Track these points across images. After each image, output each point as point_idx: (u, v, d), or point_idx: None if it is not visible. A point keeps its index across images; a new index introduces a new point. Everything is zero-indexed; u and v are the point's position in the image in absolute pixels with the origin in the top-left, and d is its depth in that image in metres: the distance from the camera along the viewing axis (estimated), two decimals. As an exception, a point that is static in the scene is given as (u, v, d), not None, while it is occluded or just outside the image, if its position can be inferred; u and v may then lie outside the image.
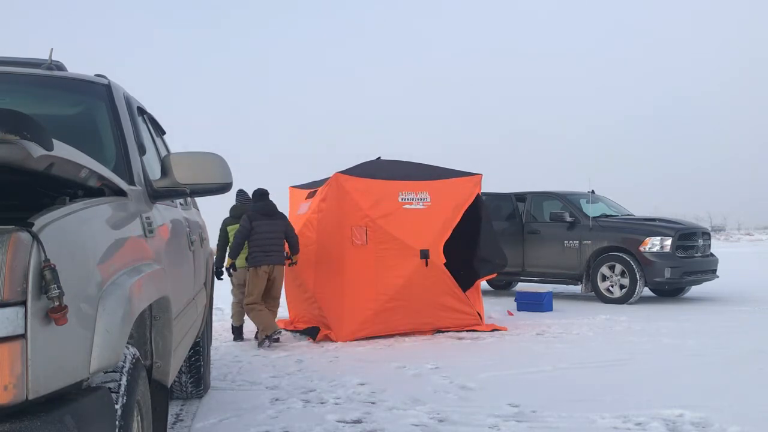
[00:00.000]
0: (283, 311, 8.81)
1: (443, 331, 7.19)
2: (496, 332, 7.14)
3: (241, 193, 7.50)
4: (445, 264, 7.05)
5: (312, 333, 7.02)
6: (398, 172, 7.27)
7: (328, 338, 6.89)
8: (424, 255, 6.90)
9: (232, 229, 7.08)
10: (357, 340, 6.78)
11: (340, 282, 6.82)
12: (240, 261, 6.95)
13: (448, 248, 7.20)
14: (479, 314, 7.36)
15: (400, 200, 7.03)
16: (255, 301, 6.69)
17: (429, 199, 7.15)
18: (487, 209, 7.72)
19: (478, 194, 7.47)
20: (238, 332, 7.19)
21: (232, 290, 7.27)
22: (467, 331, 7.20)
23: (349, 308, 6.78)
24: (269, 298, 6.86)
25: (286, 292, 7.94)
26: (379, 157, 7.85)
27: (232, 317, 7.29)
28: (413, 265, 6.87)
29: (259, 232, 6.68)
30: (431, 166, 7.71)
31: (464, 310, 7.23)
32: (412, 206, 7.06)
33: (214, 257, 6.81)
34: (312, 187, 7.79)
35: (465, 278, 7.46)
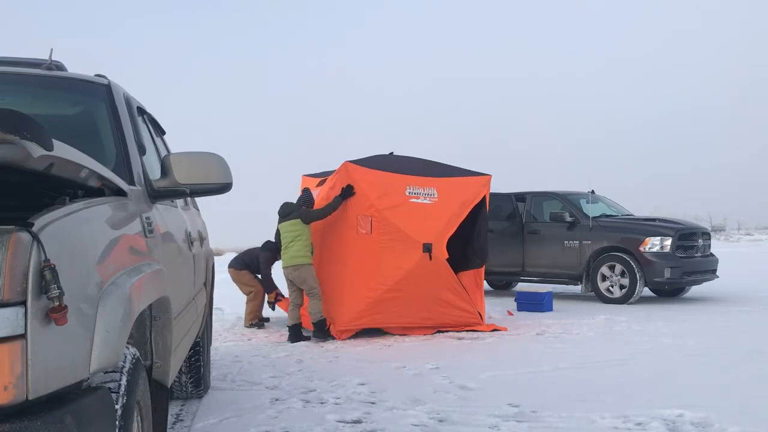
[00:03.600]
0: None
1: (443, 331, 7.20)
2: (496, 332, 7.14)
3: (305, 192, 7.51)
4: (447, 260, 7.06)
5: (321, 326, 6.98)
6: (408, 167, 7.31)
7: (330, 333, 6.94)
8: (427, 248, 6.91)
9: (281, 227, 7.19)
10: (355, 338, 6.79)
11: (342, 269, 6.91)
12: (305, 257, 7.04)
13: (450, 246, 7.21)
14: (480, 314, 7.37)
15: (407, 194, 7.07)
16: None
17: (436, 195, 7.19)
18: (486, 211, 7.72)
19: (484, 195, 7.50)
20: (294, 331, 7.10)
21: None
22: (467, 331, 7.21)
23: (348, 296, 6.85)
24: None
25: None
26: (392, 152, 7.87)
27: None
28: (416, 258, 6.88)
29: None
30: (442, 164, 7.71)
31: (464, 307, 7.23)
32: (419, 200, 7.10)
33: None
34: (324, 176, 7.82)
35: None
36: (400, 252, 6.84)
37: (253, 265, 8.25)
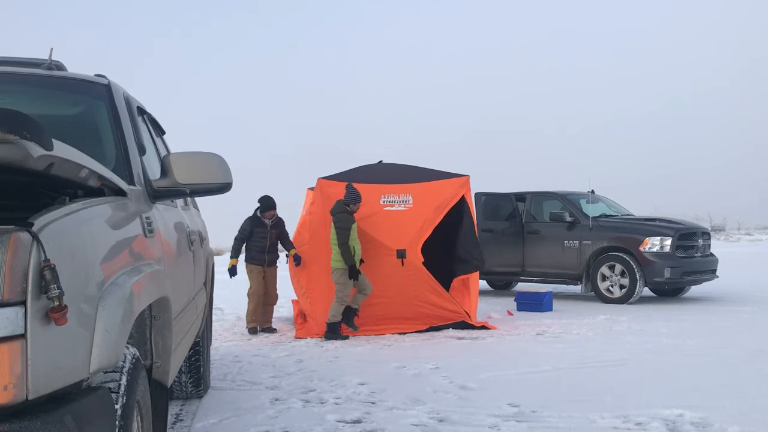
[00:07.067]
0: (285, 311, 8.81)
1: (438, 328, 7.25)
2: (495, 332, 7.15)
3: (348, 188, 7.25)
4: (424, 263, 7.22)
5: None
6: (384, 176, 7.56)
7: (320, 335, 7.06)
8: (401, 254, 7.14)
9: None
10: (355, 338, 6.81)
11: (327, 279, 7.15)
12: (338, 262, 6.98)
13: (436, 248, 7.46)
14: (467, 313, 7.41)
15: (381, 203, 7.32)
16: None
17: (411, 201, 7.41)
18: (470, 210, 7.75)
19: (463, 195, 7.57)
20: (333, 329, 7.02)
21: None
22: (467, 329, 7.23)
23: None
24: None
25: (294, 288, 8.20)
26: (381, 161, 8.13)
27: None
28: (390, 265, 7.13)
29: None
30: (422, 168, 7.86)
31: (448, 307, 7.35)
32: (393, 208, 7.34)
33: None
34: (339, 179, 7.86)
35: (447, 277, 7.70)
36: (374, 260, 7.11)
37: (252, 255, 7.63)
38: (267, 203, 7.53)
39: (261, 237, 7.49)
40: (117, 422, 1.63)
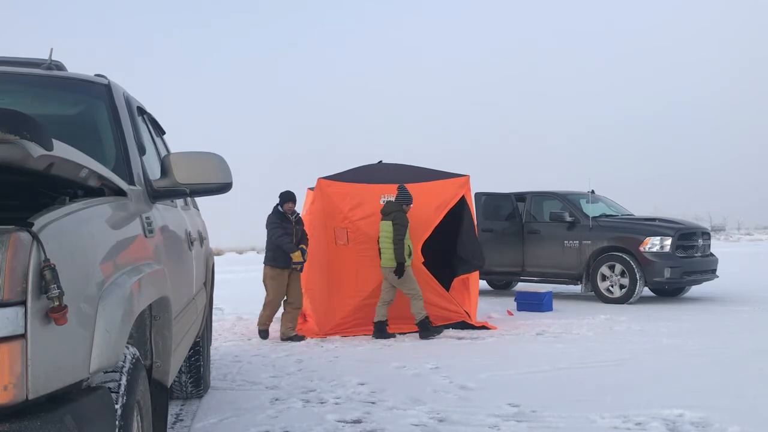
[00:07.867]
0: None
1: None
2: (495, 332, 7.15)
3: (401, 189, 7.13)
4: (424, 263, 7.24)
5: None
6: (384, 176, 7.58)
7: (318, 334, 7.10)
8: None
9: (381, 226, 7.00)
10: (356, 338, 6.81)
11: (326, 279, 7.22)
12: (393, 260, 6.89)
13: (436, 248, 7.49)
14: (467, 313, 7.42)
15: (381, 202, 7.30)
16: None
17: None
18: (470, 210, 7.76)
19: (463, 195, 7.57)
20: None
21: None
22: (467, 329, 7.23)
23: (332, 303, 7.17)
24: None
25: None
26: (381, 161, 8.14)
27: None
28: None
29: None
30: (423, 168, 7.88)
31: (448, 307, 7.37)
32: None
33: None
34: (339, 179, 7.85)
35: (447, 277, 7.71)
36: (375, 260, 7.10)
37: (276, 256, 7.07)
38: (288, 194, 7.11)
39: (287, 234, 7.04)
40: (117, 422, 1.63)
